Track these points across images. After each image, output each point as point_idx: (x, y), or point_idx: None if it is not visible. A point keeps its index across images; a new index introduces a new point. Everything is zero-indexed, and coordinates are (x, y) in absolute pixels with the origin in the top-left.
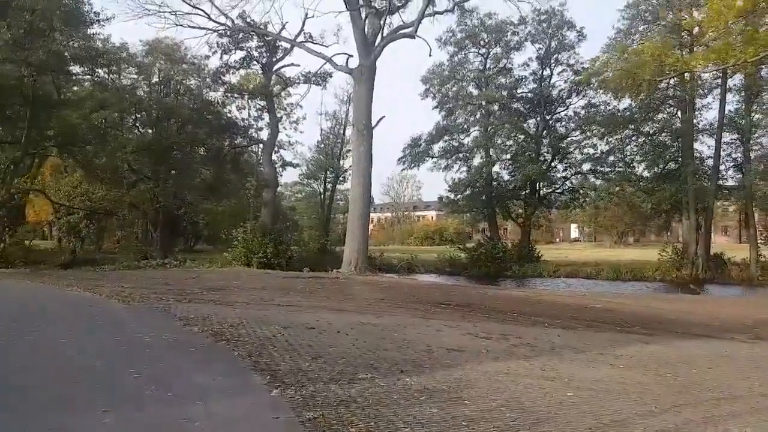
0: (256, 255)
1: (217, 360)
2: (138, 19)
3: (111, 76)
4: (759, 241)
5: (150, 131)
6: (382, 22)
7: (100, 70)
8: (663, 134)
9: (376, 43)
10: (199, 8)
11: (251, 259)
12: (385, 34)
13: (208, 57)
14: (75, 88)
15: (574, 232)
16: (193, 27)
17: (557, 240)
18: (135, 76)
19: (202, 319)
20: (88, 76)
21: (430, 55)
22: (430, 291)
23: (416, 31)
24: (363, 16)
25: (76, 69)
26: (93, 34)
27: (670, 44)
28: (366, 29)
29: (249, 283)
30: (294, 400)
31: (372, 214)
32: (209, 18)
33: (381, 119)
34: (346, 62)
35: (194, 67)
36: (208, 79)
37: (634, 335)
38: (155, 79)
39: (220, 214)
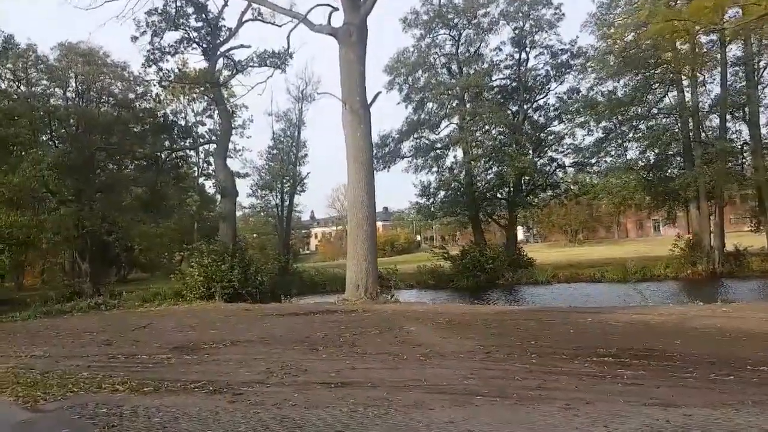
0: (220, 284)
1: None
2: None
3: (17, 83)
4: None
5: (69, 147)
6: None
7: None
8: (661, 116)
9: None
10: None
11: (213, 289)
12: None
13: (135, 39)
14: None
15: (520, 233)
16: None
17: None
18: (46, 83)
19: None
20: None
21: None
22: (526, 325)
23: None
24: None
25: None
26: None
27: None
28: None
29: (235, 332)
30: None
31: (315, 229)
32: None
33: (377, 95)
34: (328, 19)
35: (118, 69)
36: (140, 70)
37: None
38: (72, 86)
39: (159, 236)
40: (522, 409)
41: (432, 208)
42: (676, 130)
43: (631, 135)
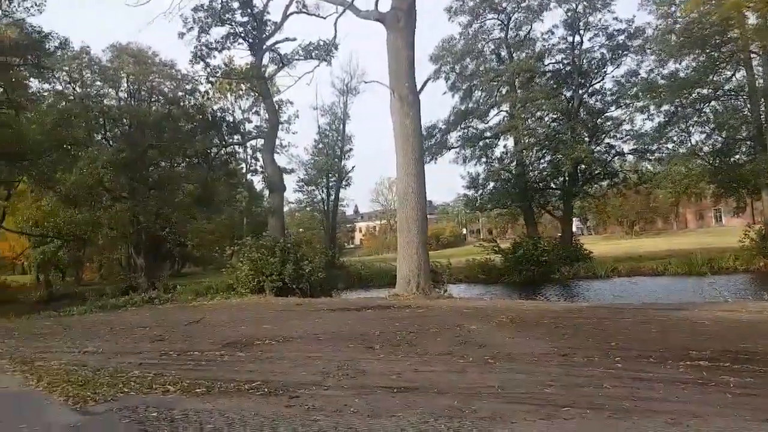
0: (270, 277)
1: None
2: None
3: (72, 84)
4: None
5: (123, 145)
6: None
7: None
8: (728, 98)
9: None
10: None
11: (263, 282)
12: None
13: (182, 35)
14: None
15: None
16: None
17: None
18: (100, 83)
19: None
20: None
21: None
22: (601, 324)
23: None
24: None
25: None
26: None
27: None
28: None
29: (287, 327)
30: None
31: (359, 223)
32: None
33: (427, 82)
34: (375, 4)
35: (166, 68)
36: (187, 67)
37: None
38: (124, 86)
39: (211, 232)
40: (620, 424)
41: (480, 200)
42: (746, 113)
43: (695, 119)
